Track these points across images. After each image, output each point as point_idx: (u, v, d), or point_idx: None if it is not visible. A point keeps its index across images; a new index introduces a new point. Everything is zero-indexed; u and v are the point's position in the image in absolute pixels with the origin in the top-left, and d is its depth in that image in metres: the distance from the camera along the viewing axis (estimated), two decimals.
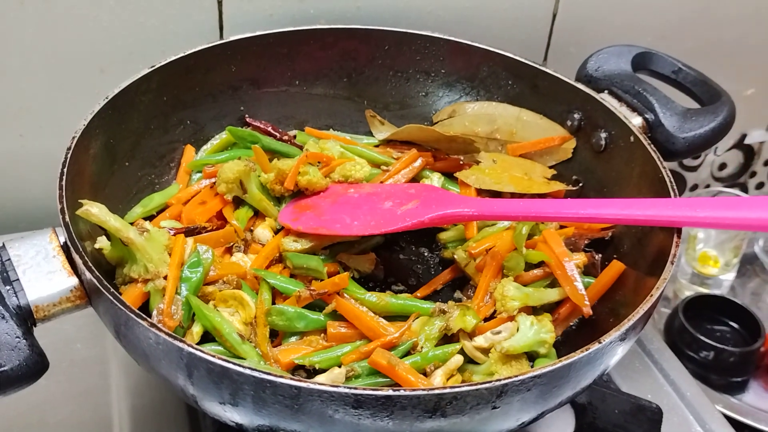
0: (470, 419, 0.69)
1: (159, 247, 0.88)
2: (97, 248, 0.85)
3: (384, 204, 0.99)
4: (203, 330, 0.86)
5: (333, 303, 0.88)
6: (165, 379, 0.74)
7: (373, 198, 1.01)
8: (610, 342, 0.73)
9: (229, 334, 0.84)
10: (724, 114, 1.02)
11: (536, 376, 0.68)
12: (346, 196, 1.02)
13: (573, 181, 1.09)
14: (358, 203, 1.00)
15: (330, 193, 1.03)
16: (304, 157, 1.03)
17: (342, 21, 1.18)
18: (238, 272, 0.92)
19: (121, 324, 0.73)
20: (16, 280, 0.75)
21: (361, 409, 0.66)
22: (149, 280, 0.86)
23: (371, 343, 0.86)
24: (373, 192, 1.02)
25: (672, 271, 0.81)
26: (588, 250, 1.01)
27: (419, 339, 0.88)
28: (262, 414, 0.69)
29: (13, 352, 0.70)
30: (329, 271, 0.95)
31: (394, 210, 0.97)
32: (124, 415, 0.94)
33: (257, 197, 1.00)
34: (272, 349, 0.86)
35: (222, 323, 0.85)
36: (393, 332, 0.87)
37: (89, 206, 0.82)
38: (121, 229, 0.84)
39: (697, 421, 1.00)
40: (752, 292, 1.53)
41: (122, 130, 0.98)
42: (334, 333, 0.88)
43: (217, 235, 0.96)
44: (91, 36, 1.10)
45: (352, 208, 0.99)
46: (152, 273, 0.86)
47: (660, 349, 1.09)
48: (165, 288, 0.86)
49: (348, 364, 0.84)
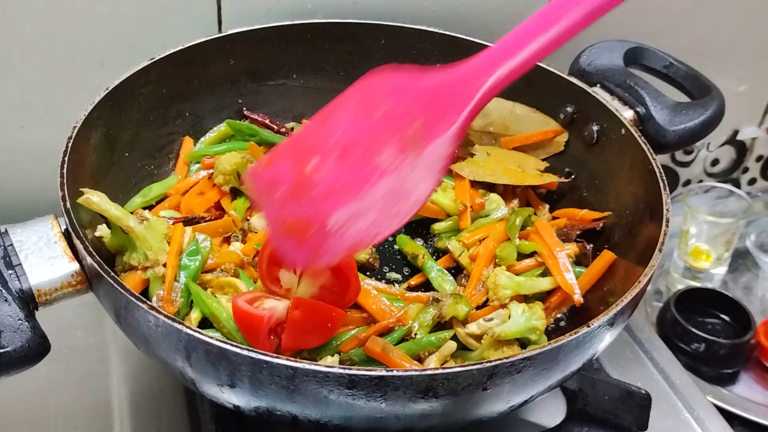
0: (462, 401, 0.70)
1: (158, 236, 0.90)
2: (97, 236, 0.87)
3: (385, 154, 0.67)
4: (201, 316, 0.88)
5: None
6: (164, 362, 0.76)
7: (366, 147, 0.68)
8: (599, 326, 0.74)
9: (227, 320, 0.86)
10: (714, 108, 1.04)
11: (526, 358, 0.69)
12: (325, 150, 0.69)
13: (566, 173, 1.11)
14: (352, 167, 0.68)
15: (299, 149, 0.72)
16: None
17: (339, 15, 1.19)
18: (235, 261, 0.94)
19: (121, 307, 0.74)
20: (18, 264, 0.76)
21: (355, 390, 0.67)
22: (149, 268, 0.88)
23: (368, 329, 0.88)
24: (356, 134, 0.69)
25: (660, 259, 0.83)
26: (580, 240, 1.03)
27: (413, 326, 0.90)
28: (259, 395, 0.70)
29: (15, 333, 0.71)
30: None
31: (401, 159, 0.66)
32: (124, 401, 0.96)
33: None
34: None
35: (219, 309, 0.86)
36: (395, 313, 0.89)
37: (90, 195, 0.84)
38: (121, 218, 0.86)
39: (686, 408, 1.01)
40: (744, 286, 1.54)
41: (122, 122, 0.99)
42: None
43: (215, 225, 0.98)
44: (91, 30, 1.11)
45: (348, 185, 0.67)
46: (152, 260, 0.88)
47: (650, 338, 1.11)
48: (164, 275, 0.88)
49: (346, 353, 0.86)
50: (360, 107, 0.70)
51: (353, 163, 0.67)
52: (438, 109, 0.66)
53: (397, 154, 0.66)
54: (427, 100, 0.68)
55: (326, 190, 0.67)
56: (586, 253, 1.01)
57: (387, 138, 0.67)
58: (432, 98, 0.67)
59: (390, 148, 0.66)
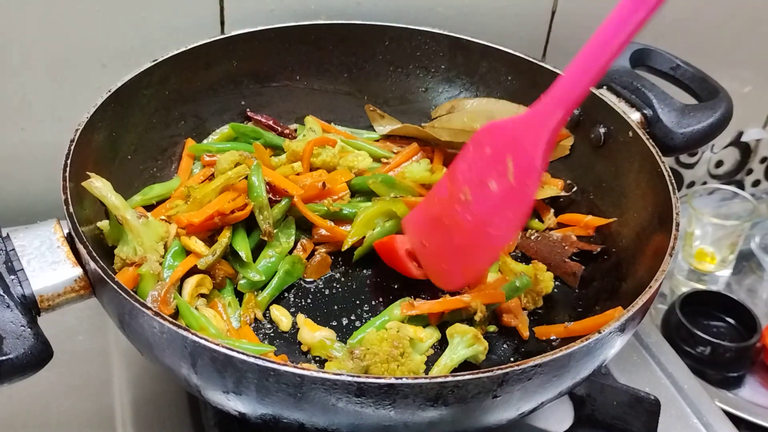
0: (472, 408, 0.69)
1: (154, 236, 0.90)
2: (98, 226, 0.86)
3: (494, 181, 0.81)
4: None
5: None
6: (169, 369, 0.74)
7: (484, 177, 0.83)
8: (610, 332, 0.73)
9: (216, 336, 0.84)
10: (722, 110, 1.03)
11: (537, 365, 0.68)
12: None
13: (566, 185, 1.10)
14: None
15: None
16: (316, 139, 1.06)
17: (343, 17, 1.18)
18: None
19: (125, 313, 0.73)
20: (21, 269, 0.75)
21: (364, 398, 0.66)
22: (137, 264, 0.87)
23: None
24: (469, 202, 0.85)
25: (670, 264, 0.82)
26: (575, 259, 1.02)
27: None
28: (265, 403, 0.69)
29: (18, 340, 0.70)
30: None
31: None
32: (126, 406, 0.95)
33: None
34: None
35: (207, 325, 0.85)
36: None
37: (94, 179, 0.84)
38: (119, 207, 0.86)
39: (695, 414, 1.01)
40: (748, 289, 1.53)
41: (125, 124, 0.98)
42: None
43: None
44: (92, 31, 1.10)
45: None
46: (139, 257, 0.87)
47: (657, 342, 1.10)
48: (159, 274, 0.87)
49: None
50: (475, 152, 0.85)
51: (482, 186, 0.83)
52: (521, 146, 0.78)
53: (500, 180, 0.81)
54: (512, 138, 0.80)
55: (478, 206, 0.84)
56: (575, 273, 1.00)
57: (493, 171, 0.81)
58: (516, 137, 0.79)
59: (495, 178, 0.81)
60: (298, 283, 0.97)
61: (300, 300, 0.95)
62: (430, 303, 0.91)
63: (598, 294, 0.97)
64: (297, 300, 0.95)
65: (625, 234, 0.99)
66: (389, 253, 0.97)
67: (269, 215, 0.94)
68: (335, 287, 0.97)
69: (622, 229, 1.00)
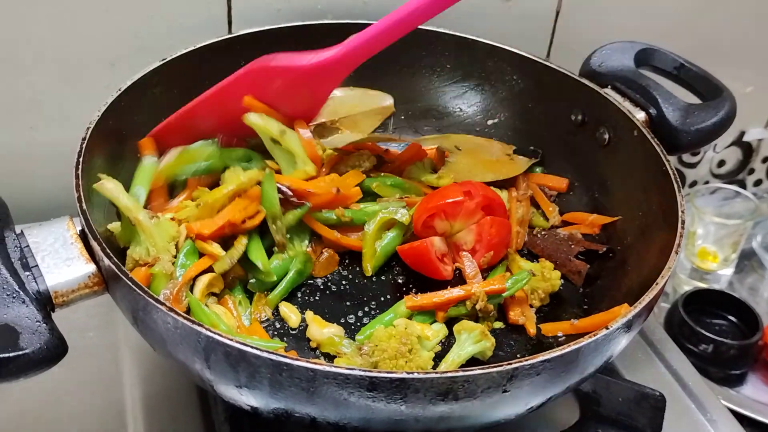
0: (481, 403, 0.70)
1: (165, 236, 0.90)
2: (109, 228, 0.87)
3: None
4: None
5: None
6: (182, 364, 0.75)
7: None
8: (617, 329, 0.74)
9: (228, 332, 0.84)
10: (726, 109, 1.04)
11: (546, 360, 0.69)
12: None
13: (531, 152, 1.12)
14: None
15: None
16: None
17: (349, 16, 1.19)
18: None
19: (139, 309, 0.74)
20: (35, 266, 0.76)
21: (376, 392, 0.67)
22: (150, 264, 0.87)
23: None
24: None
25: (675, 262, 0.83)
26: (581, 258, 1.02)
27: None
28: (278, 397, 0.70)
29: (34, 335, 0.71)
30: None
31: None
32: (137, 402, 0.95)
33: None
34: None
35: (218, 323, 0.86)
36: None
37: (105, 181, 0.85)
38: (131, 209, 0.86)
39: (699, 410, 1.01)
40: (750, 287, 1.54)
41: (134, 122, 0.99)
42: None
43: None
44: (101, 30, 1.11)
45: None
46: (152, 257, 0.88)
47: (662, 340, 1.11)
48: (172, 273, 0.88)
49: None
50: (253, 86, 1.01)
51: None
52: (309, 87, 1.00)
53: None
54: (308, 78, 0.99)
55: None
56: (580, 271, 1.00)
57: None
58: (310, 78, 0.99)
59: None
60: (307, 281, 0.98)
61: (308, 297, 0.96)
62: (430, 295, 0.92)
63: (603, 291, 0.98)
64: (305, 297, 0.96)
65: (630, 232, 1.00)
66: (419, 257, 0.96)
67: (282, 225, 0.94)
68: (343, 284, 0.98)
69: (627, 227, 1.01)
